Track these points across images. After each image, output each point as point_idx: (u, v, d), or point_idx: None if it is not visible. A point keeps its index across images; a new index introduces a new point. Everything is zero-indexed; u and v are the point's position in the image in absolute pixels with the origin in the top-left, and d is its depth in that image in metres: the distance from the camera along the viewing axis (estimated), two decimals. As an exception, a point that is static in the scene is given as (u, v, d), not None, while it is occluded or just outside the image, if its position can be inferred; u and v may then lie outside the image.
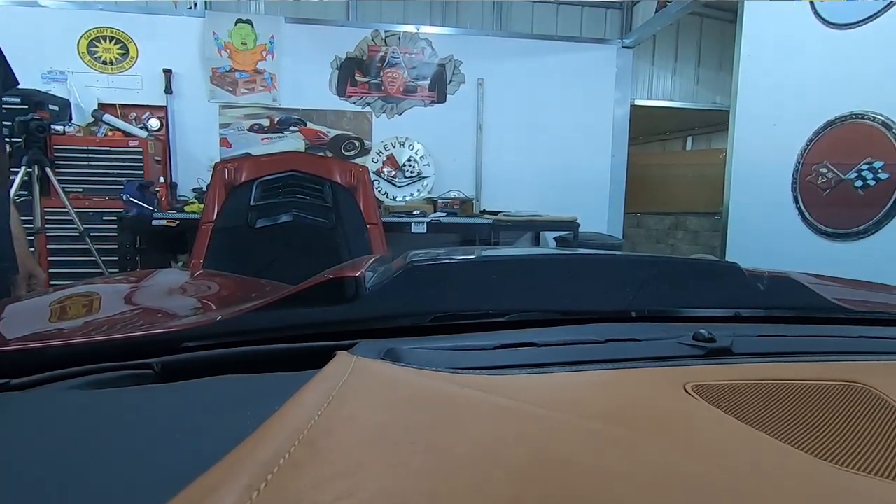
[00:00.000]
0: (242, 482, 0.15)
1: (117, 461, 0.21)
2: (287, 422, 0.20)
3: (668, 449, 0.22)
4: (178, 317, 0.62)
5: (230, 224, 2.09)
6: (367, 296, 0.44)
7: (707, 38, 4.48)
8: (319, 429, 0.19)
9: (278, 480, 0.16)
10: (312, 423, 0.20)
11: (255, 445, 0.18)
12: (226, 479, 0.16)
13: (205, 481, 0.16)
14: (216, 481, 0.16)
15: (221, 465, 0.17)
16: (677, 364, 0.35)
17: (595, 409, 0.27)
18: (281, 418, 0.21)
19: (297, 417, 0.21)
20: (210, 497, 0.15)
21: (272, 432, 0.19)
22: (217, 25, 3.45)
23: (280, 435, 0.19)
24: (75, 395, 0.31)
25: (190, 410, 0.26)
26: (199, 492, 0.15)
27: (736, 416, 0.26)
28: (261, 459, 0.17)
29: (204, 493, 0.15)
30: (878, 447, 0.25)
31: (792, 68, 2.19)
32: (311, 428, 0.19)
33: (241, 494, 0.15)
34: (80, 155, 2.95)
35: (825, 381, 0.32)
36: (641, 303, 0.51)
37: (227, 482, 0.16)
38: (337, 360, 0.30)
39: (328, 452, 0.18)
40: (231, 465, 0.17)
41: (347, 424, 0.20)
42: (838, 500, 0.20)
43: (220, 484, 0.15)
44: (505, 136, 3.81)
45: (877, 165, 1.85)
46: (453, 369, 0.31)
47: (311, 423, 0.20)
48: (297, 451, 0.17)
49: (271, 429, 0.20)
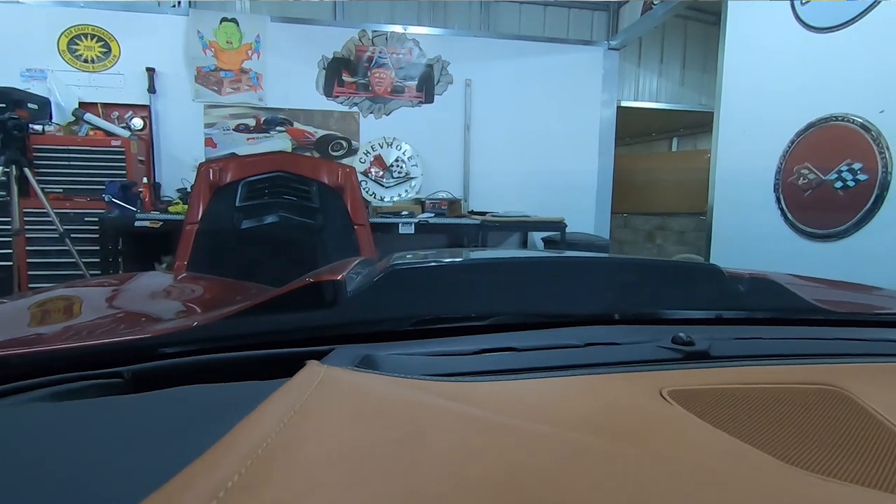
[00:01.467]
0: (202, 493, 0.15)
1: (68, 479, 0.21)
2: (241, 439, 0.19)
3: (642, 458, 0.22)
4: (156, 322, 0.61)
5: (215, 225, 2.06)
6: (348, 300, 0.44)
7: (692, 40, 4.53)
8: (275, 447, 0.19)
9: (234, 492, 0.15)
10: (269, 441, 0.19)
11: (206, 465, 0.17)
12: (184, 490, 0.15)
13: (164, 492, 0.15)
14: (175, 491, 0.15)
15: (164, 489, 0.16)
16: (655, 368, 0.35)
17: (570, 417, 0.26)
18: (236, 435, 0.20)
19: (254, 434, 0.20)
20: None
21: (225, 451, 0.19)
22: (201, 24, 3.41)
23: (231, 455, 0.18)
24: (34, 407, 0.30)
25: (151, 425, 0.26)
26: None
27: (711, 423, 0.26)
28: (208, 483, 0.16)
29: None
30: (851, 453, 0.25)
31: (774, 71, 2.23)
32: (266, 447, 0.19)
33: None
34: (61, 155, 2.89)
35: (801, 384, 0.33)
36: (623, 305, 0.51)
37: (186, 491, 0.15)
38: (305, 370, 0.29)
39: (282, 473, 0.17)
40: (174, 490, 0.16)
41: (307, 441, 0.20)
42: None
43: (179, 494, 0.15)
44: (493, 136, 3.82)
45: (856, 167, 1.89)
46: (430, 376, 0.31)
47: (266, 441, 0.19)
48: (248, 473, 0.17)
49: (224, 447, 0.19)
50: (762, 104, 2.29)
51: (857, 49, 1.89)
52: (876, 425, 0.28)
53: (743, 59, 2.40)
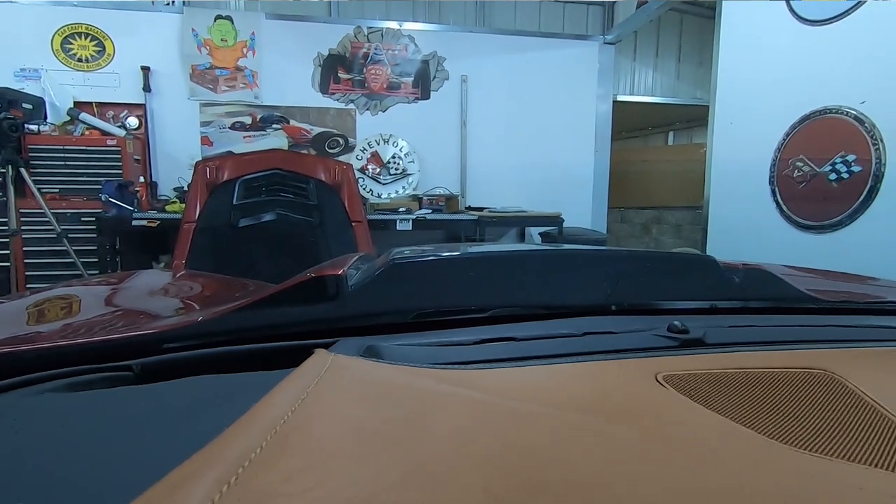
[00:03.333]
0: (212, 476, 0.16)
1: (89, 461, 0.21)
2: (260, 418, 0.20)
3: (636, 437, 0.23)
4: (159, 318, 0.62)
5: (212, 223, 2.06)
6: (350, 294, 0.45)
7: (687, 34, 4.54)
8: (292, 424, 0.20)
9: (249, 474, 0.16)
10: (286, 419, 0.20)
11: (227, 441, 0.18)
12: (196, 474, 0.16)
13: (175, 476, 0.16)
14: (186, 475, 0.16)
15: (192, 460, 0.17)
16: (651, 355, 0.36)
17: (568, 400, 0.27)
18: (254, 415, 0.21)
19: (271, 414, 0.21)
20: (180, 490, 0.15)
21: (245, 428, 0.20)
22: (196, 22, 3.39)
23: (252, 431, 0.19)
24: (50, 398, 0.31)
25: (165, 410, 0.26)
26: (170, 486, 0.16)
27: (704, 405, 0.27)
28: (232, 454, 0.17)
29: (174, 486, 0.15)
30: (838, 431, 0.26)
31: (769, 64, 2.24)
32: (283, 424, 0.20)
33: (210, 488, 0.15)
34: (56, 155, 2.89)
35: (791, 368, 0.34)
36: (620, 296, 0.52)
37: (197, 476, 0.16)
38: (314, 357, 0.30)
39: (299, 447, 0.18)
40: (202, 460, 0.17)
41: (320, 420, 0.21)
42: (797, 481, 0.20)
43: (191, 478, 0.16)
44: (489, 132, 3.82)
45: (850, 159, 1.90)
46: (432, 365, 0.31)
47: (284, 419, 0.20)
48: (269, 446, 0.18)
49: (244, 425, 0.20)
50: (757, 97, 2.30)
51: (850, 41, 1.90)
52: (862, 405, 0.29)
53: (738, 52, 2.41)
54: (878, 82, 1.81)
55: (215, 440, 0.18)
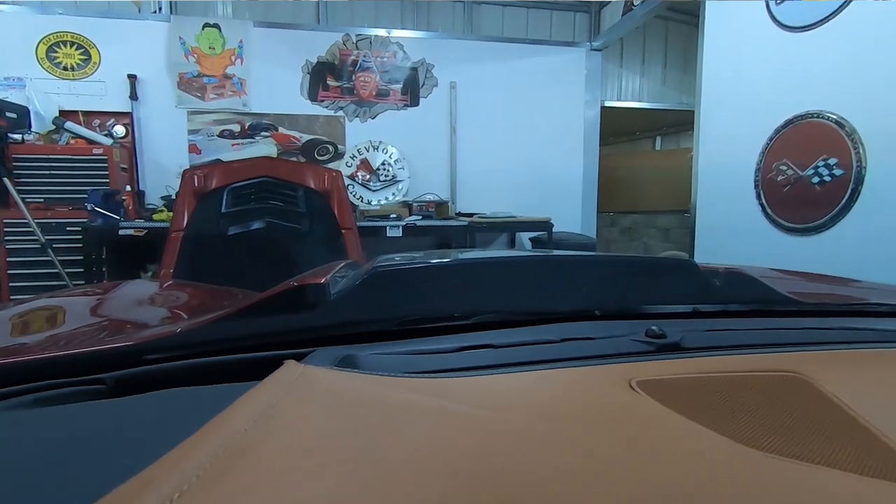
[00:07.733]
0: (160, 492, 0.15)
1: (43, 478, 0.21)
2: (214, 433, 0.20)
3: (606, 443, 0.23)
4: (141, 329, 0.61)
5: (201, 232, 2.04)
6: (330, 302, 0.44)
7: (672, 40, 4.60)
8: (249, 438, 0.19)
9: (196, 490, 0.16)
10: (243, 432, 0.20)
11: (179, 456, 0.18)
12: (141, 490, 0.16)
13: (119, 493, 0.16)
14: (132, 492, 0.16)
15: (137, 478, 0.17)
16: (627, 360, 0.36)
17: (539, 407, 0.27)
18: (209, 429, 0.21)
19: (228, 427, 0.21)
20: None
21: (198, 442, 0.19)
22: (183, 30, 3.38)
23: (206, 445, 0.19)
24: (14, 414, 0.30)
25: (131, 425, 0.26)
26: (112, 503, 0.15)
27: (676, 410, 0.27)
28: (181, 469, 0.17)
29: None
30: (810, 436, 0.26)
31: (752, 70, 2.27)
32: (239, 437, 0.19)
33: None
34: (41, 164, 2.85)
35: (764, 372, 0.34)
36: (602, 301, 0.53)
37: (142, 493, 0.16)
38: (283, 368, 0.30)
39: (254, 461, 0.18)
40: (149, 476, 0.17)
41: (280, 433, 0.21)
42: (766, 486, 0.21)
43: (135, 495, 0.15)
44: (478, 138, 3.84)
45: (832, 162, 1.93)
46: (408, 373, 0.31)
47: (241, 432, 0.20)
48: (221, 461, 0.17)
49: (198, 439, 0.20)
50: (741, 102, 2.33)
51: (830, 47, 1.93)
52: (832, 408, 0.29)
53: (721, 58, 2.45)
54: (858, 86, 1.84)
55: (166, 455, 0.18)
